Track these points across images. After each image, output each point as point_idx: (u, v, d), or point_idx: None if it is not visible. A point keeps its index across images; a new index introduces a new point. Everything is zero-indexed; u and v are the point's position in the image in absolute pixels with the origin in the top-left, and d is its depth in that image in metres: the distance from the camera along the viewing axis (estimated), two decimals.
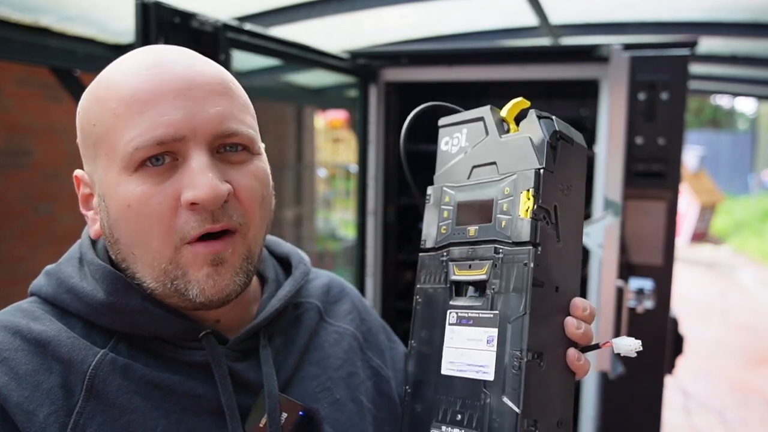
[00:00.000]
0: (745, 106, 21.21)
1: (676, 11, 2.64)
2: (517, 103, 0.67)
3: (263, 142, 0.70)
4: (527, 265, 0.57)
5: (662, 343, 1.97)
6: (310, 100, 4.20)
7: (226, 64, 1.51)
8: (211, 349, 0.64)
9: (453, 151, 0.70)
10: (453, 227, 0.65)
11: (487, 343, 0.58)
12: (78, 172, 0.67)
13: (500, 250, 0.60)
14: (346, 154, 9.98)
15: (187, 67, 0.62)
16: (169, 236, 0.59)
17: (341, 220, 9.02)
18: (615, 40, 2.08)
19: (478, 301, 0.60)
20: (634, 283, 1.98)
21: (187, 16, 1.46)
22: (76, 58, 1.97)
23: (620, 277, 1.89)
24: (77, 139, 0.66)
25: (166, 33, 1.39)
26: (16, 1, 1.74)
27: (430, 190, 0.70)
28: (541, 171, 0.59)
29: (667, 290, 1.97)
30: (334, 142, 10.50)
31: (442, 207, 0.67)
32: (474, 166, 0.66)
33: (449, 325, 0.62)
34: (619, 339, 0.61)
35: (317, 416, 0.69)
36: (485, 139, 0.66)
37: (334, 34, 2.78)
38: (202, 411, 0.63)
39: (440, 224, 0.67)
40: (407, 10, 2.45)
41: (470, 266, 0.62)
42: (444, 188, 0.68)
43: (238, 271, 0.63)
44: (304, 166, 6.81)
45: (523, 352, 0.55)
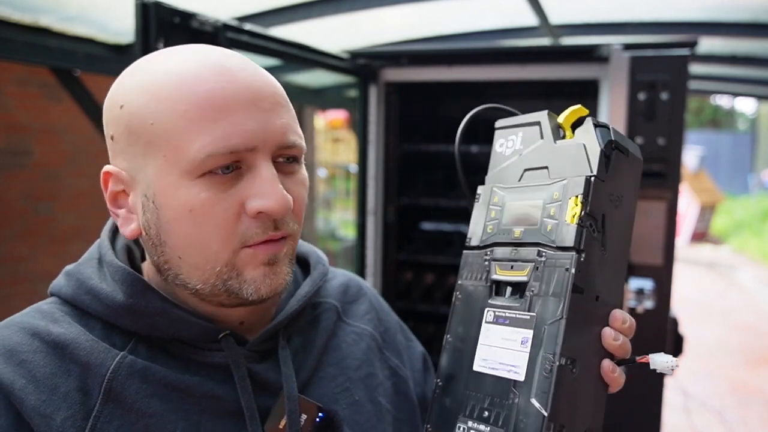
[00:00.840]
0: (745, 106, 21.24)
1: (676, 11, 2.64)
2: (575, 110, 0.66)
3: None
4: (568, 271, 0.57)
5: (662, 343, 1.97)
6: (310, 100, 4.20)
7: None
8: (230, 350, 0.65)
9: (507, 153, 0.70)
10: (499, 227, 0.66)
11: (522, 343, 0.58)
12: (111, 168, 0.64)
13: (543, 254, 0.60)
14: (346, 154, 9.98)
15: (254, 75, 0.62)
16: (230, 241, 0.60)
17: (341, 220, 9.03)
18: (615, 40, 2.08)
19: (517, 302, 0.61)
20: (634, 283, 1.98)
21: (187, 16, 1.46)
22: (76, 58, 1.97)
23: None
24: (110, 131, 0.64)
25: (166, 33, 1.39)
26: (16, 1, 1.74)
27: (480, 190, 0.70)
28: (592, 178, 0.59)
29: (667, 290, 1.97)
30: (334, 142, 10.50)
31: (491, 206, 0.68)
32: (526, 169, 0.67)
33: (485, 323, 0.63)
34: (657, 355, 0.60)
35: (337, 418, 0.69)
36: (539, 143, 0.66)
37: (333, 34, 2.78)
38: (222, 413, 0.63)
39: (487, 223, 0.67)
40: (407, 10, 2.45)
41: (512, 267, 0.63)
42: (494, 188, 0.68)
43: (288, 270, 0.65)
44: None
45: (556, 356, 0.55)
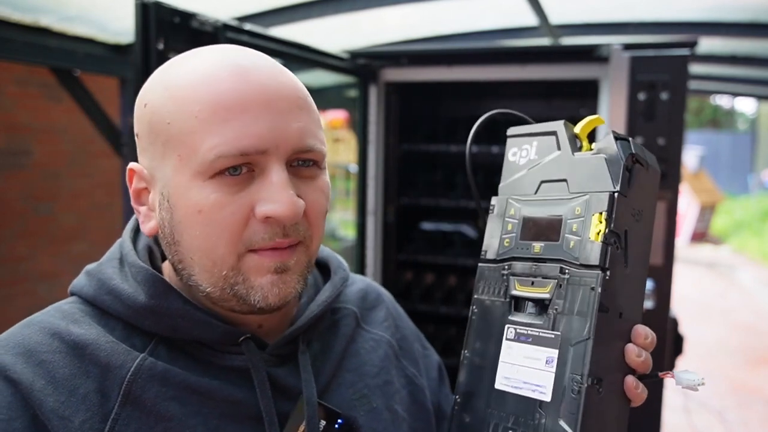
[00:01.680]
0: (745, 106, 21.24)
1: (676, 11, 2.64)
2: (592, 120, 0.65)
3: None
4: (594, 290, 0.56)
5: (662, 343, 1.97)
6: None
7: None
8: (250, 354, 0.64)
9: (521, 163, 0.68)
10: (517, 241, 0.64)
11: (546, 363, 0.57)
12: (134, 166, 0.65)
13: (566, 271, 0.59)
14: (346, 154, 9.97)
15: (271, 76, 0.60)
16: (236, 245, 0.59)
17: (341, 220, 9.02)
18: (615, 40, 2.08)
19: (539, 319, 0.60)
20: None
21: (187, 16, 1.46)
22: (76, 58, 1.97)
23: None
24: (135, 130, 0.65)
25: (166, 33, 1.39)
26: (16, 1, 1.74)
27: (494, 201, 0.69)
28: (616, 194, 0.58)
29: (667, 290, 1.97)
30: (334, 142, 10.50)
31: (507, 219, 0.66)
32: (543, 181, 0.65)
33: (506, 339, 0.61)
34: (682, 372, 0.59)
35: (355, 424, 0.68)
36: (557, 154, 0.65)
37: (333, 34, 2.78)
38: (241, 417, 0.62)
39: (503, 236, 0.66)
40: (407, 10, 2.45)
41: (533, 283, 0.61)
42: (509, 200, 0.67)
43: (300, 279, 0.63)
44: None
45: (584, 378, 0.54)
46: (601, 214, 0.58)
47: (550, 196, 0.63)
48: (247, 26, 1.72)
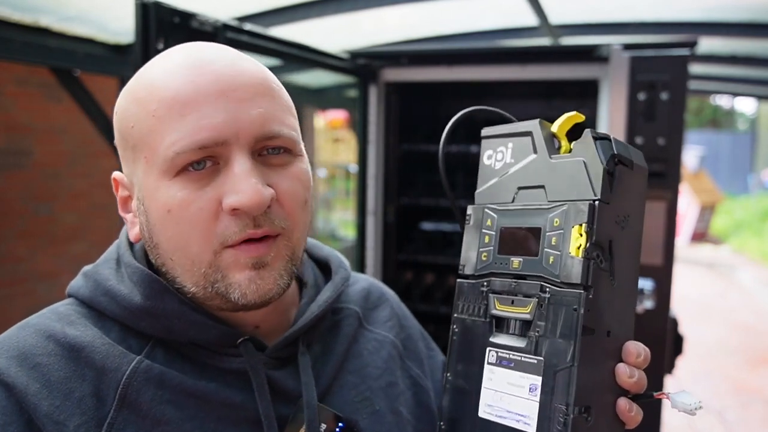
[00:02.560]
0: (745, 106, 21.23)
1: (676, 11, 2.64)
2: (570, 117, 0.61)
3: None
4: (577, 311, 0.52)
5: (662, 343, 1.97)
6: (310, 100, 4.20)
7: None
8: (249, 356, 0.63)
9: (496, 167, 0.63)
10: (495, 255, 0.60)
11: (530, 391, 0.54)
12: (116, 174, 0.65)
13: (547, 289, 0.54)
14: (346, 154, 9.97)
15: (229, 66, 0.59)
16: (209, 241, 0.58)
17: (341, 220, 9.02)
18: (615, 40, 2.08)
19: (521, 341, 0.56)
20: None
21: (187, 16, 1.46)
22: (76, 58, 1.97)
23: None
24: (114, 140, 0.64)
25: (166, 33, 1.39)
26: (16, 1, 1.74)
27: (470, 210, 0.64)
28: (596, 203, 0.53)
29: (667, 290, 1.97)
30: (334, 142, 10.50)
31: (484, 231, 0.62)
32: (519, 188, 0.60)
33: (488, 364, 0.58)
34: (678, 394, 0.55)
35: (357, 428, 0.67)
36: (533, 158, 0.60)
37: (333, 34, 2.78)
38: (239, 421, 0.61)
39: (481, 250, 0.61)
40: (407, 10, 2.45)
41: (513, 302, 0.57)
42: (486, 210, 0.62)
43: (282, 274, 0.61)
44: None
45: (570, 408, 0.50)
46: (581, 226, 0.53)
47: (527, 204, 0.59)
48: (247, 26, 1.72)
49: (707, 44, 2.96)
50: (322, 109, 8.18)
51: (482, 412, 0.57)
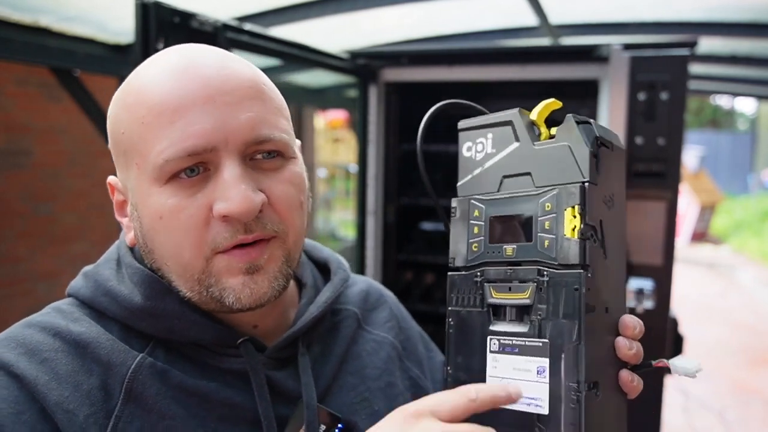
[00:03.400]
0: (745, 106, 21.23)
1: (676, 11, 2.64)
2: (548, 104, 0.61)
3: None
4: (578, 290, 0.53)
5: (662, 343, 1.97)
6: (310, 100, 4.20)
7: None
8: (249, 356, 0.63)
9: (477, 158, 0.64)
10: (486, 245, 0.60)
11: (538, 374, 0.54)
12: (111, 179, 0.65)
13: (545, 273, 0.55)
14: (346, 154, 9.98)
15: (217, 69, 0.58)
16: (201, 248, 0.58)
17: (341, 220, 9.03)
18: (615, 40, 2.08)
19: (522, 327, 0.56)
20: (634, 283, 1.98)
21: (187, 16, 1.45)
22: (76, 58, 1.97)
23: None
24: (108, 145, 0.64)
25: (166, 33, 1.39)
26: (16, 1, 1.74)
27: (455, 203, 0.64)
28: (587, 185, 0.54)
29: (667, 290, 1.97)
30: (334, 142, 10.51)
31: (471, 222, 0.62)
32: (504, 176, 0.61)
33: (491, 352, 0.58)
34: (678, 359, 0.57)
35: (356, 428, 0.67)
36: (516, 146, 0.60)
37: (333, 34, 2.78)
38: (239, 420, 0.62)
39: (470, 241, 0.61)
40: (407, 10, 2.45)
41: (510, 288, 0.57)
42: (472, 201, 0.62)
43: (277, 276, 0.60)
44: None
45: (581, 385, 0.52)
46: (574, 208, 0.54)
47: (515, 192, 0.59)
48: (247, 26, 1.71)
49: (707, 44, 2.96)
50: (322, 109, 8.18)
51: None
